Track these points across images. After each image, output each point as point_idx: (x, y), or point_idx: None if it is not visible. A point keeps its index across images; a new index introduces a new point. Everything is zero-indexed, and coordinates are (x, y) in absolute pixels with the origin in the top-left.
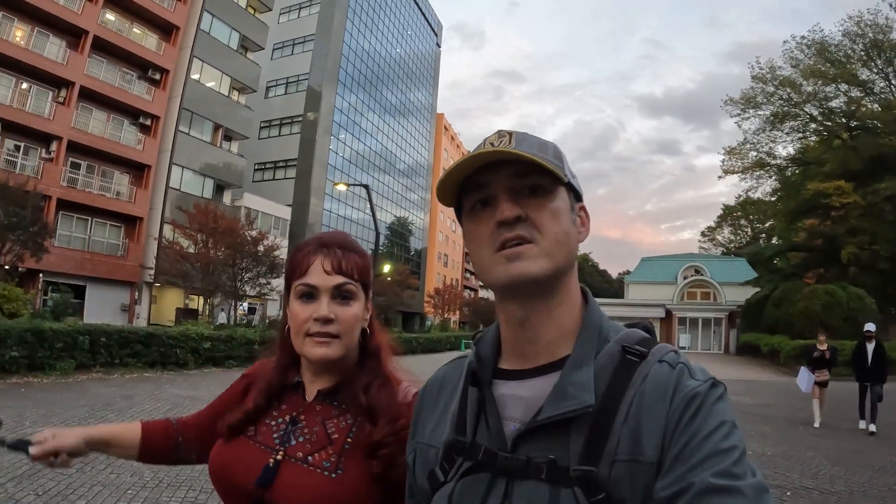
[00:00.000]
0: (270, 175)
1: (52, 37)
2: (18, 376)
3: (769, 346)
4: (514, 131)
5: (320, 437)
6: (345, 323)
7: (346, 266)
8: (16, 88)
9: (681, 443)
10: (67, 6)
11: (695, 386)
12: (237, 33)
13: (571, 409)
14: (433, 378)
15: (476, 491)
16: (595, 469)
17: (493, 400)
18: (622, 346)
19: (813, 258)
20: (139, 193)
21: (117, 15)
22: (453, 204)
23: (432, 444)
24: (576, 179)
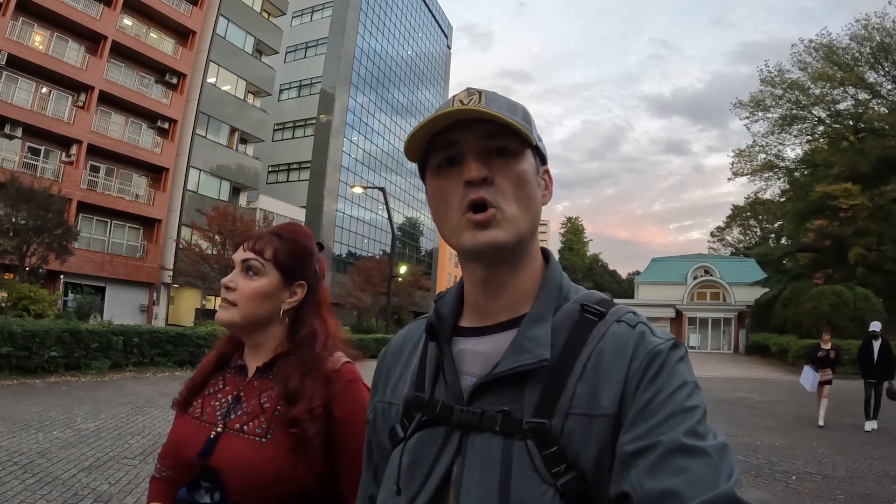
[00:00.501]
0: (284, 177)
1: (72, 42)
2: (57, 375)
3: (778, 346)
4: (483, 90)
5: (254, 408)
6: (241, 293)
7: (259, 245)
8: (36, 93)
9: (644, 398)
10: (86, 12)
11: (657, 343)
12: (252, 37)
13: (527, 363)
14: (395, 338)
15: (431, 444)
16: (548, 422)
17: (451, 355)
18: (581, 305)
19: (821, 259)
20: (157, 196)
21: (135, 20)
22: (418, 159)
23: (393, 402)
24: (542, 142)
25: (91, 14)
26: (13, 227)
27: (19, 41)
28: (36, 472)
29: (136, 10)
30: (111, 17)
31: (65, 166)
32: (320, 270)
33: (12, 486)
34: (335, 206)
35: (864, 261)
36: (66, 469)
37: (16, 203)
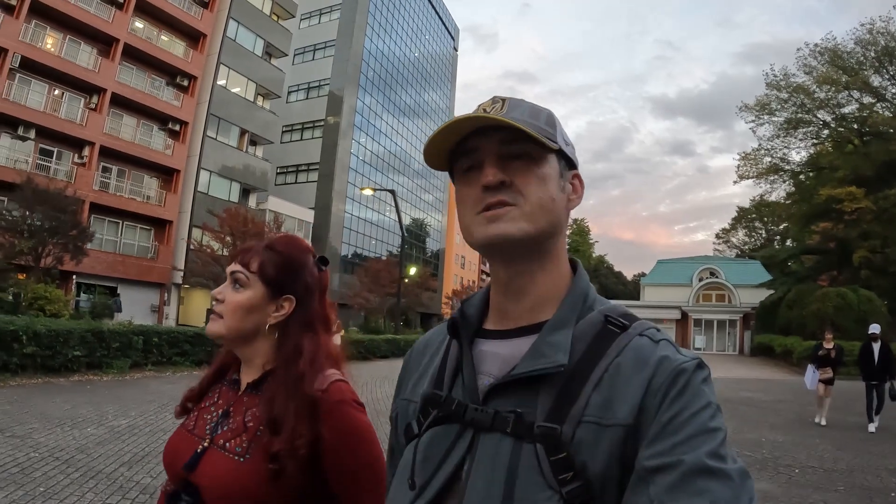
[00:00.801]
0: (292, 178)
1: (84, 44)
2: (80, 374)
3: (783, 347)
4: (508, 98)
5: (238, 426)
6: (227, 305)
7: (246, 258)
8: (49, 95)
9: (668, 415)
10: (98, 14)
11: (682, 361)
12: (262, 40)
13: (543, 367)
14: (420, 339)
15: (443, 441)
16: (559, 427)
17: (471, 354)
18: (605, 316)
19: (826, 261)
20: (169, 197)
21: (146, 23)
22: (445, 167)
23: (412, 400)
24: (570, 147)
25: (103, 17)
26: (28, 228)
27: (32, 43)
28: (79, 467)
29: (148, 12)
30: (123, 19)
31: (77, 168)
32: (315, 284)
33: (59, 480)
34: (343, 208)
35: (869, 263)
36: (107, 464)
37: (31, 204)
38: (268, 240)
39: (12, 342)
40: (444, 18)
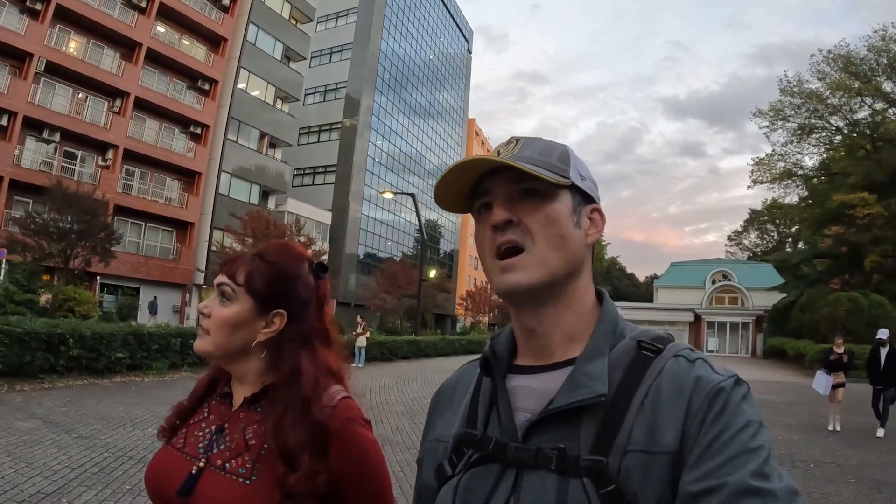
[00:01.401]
0: (309, 180)
1: (107, 49)
2: (121, 375)
3: (795, 350)
4: (523, 137)
5: (238, 444)
6: (213, 320)
7: (233, 269)
8: (73, 98)
9: (709, 437)
10: (121, 19)
11: (719, 380)
12: (281, 44)
13: (583, 398)
14: (450, 378)
15: (484, 483)
16: (605, 460)
17: (506, 391)
18: (638, 342)
19: (838, 265)
20: (190, 199)
21: (168, 27)
22: (462, 209)
23: (442, 440)
24: (586, 181)
25: (126, 21)
26: (58, 231)
27: (57, 48)
28: None
29: (170, 17)
30: (146, 24)
31: (101, 170)
32: (310, 296)
33: (140, 479)
34: (359, 209)
35: (880, 268)
36: None
37: (62, 207)
38: (260, 248)
39: (59, 345)
40: (458, 21)
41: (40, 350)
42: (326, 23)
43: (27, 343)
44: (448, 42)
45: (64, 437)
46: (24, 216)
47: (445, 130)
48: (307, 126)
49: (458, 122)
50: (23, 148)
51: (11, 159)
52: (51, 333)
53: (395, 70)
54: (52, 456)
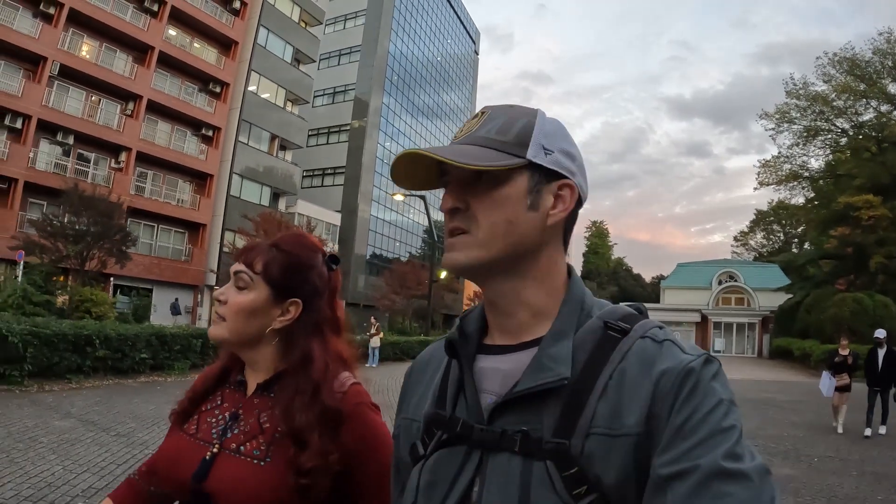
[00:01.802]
0: (318, 182)
1: (119, 52)
2: (145, 376)
3: (801, 351)
4: (490, 109)
5: (253, 428)
6: (229, 306)
7: (250, 257)
8: (86, 101)
9: (679, 419)
10: (133, 23)
11: (689, 360)
12: (291, 47)
13: (546, 382)
14: (422, 354)
15: (450, 463)
16: (568, 442)
17: (471, 373)
18: (604, 322)
19: (843, 266)
20: (202, 201)
21: (179, 31)
22: (425, 187)
23: (415, 419)
24: (552, 155)
25: (138, 25)
26: (75, 234)
27: (70, 51)
28: None
29: (181, 21)
30: (158, 28)
31: (114, 172)
32: (324, 285)
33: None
34: (368, 210)
35: (885, 269)
36: None
37: (78, 210)
38: (275, 238)
39: (86, 346)
40: (465, 23)
41: (68, 351)
42: (335, 25)
43: (55, 344)
44: (455, 43)
45: (102, 436)
46: (41, 218)
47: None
48: (316, 128)
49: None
50: (37, 150)
51: (26, 162)
52: (78, 335)
53: (403, 72)
54: (96, 453)
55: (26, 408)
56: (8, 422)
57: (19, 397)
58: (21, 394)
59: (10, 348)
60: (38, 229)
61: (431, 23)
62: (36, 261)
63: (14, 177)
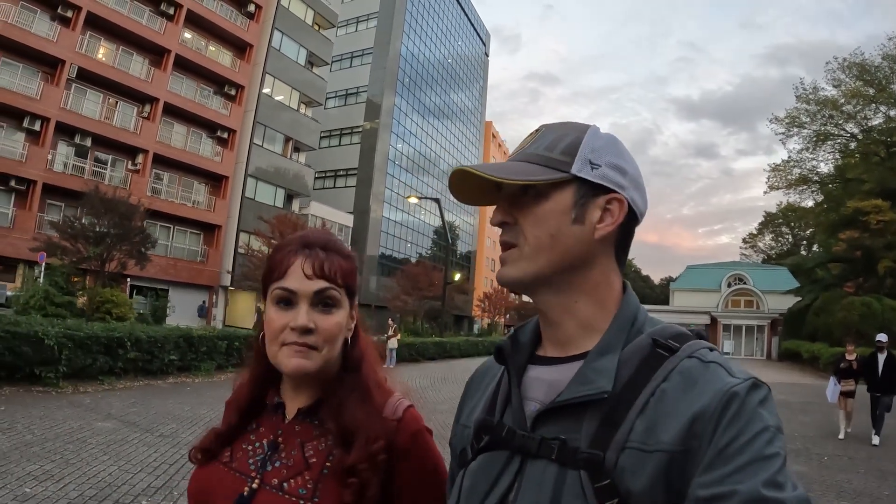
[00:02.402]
0: (330, 183)
1: (136, 55)
2: (173, 377)
3: (810, 353)
4: (547, 126)
5: (297, 462)
6: (325, 333)
7: (330, 269)
8: (104, 104)
9: (722, 442)
10: (150, 26)
11: (734, 384)
12: (304, 49)
13: (587, 394)
14: (482, 365)
15: (492, 467)
16: (602, 454)
17: (518, 381)
18: (653, 339)
19: (852, 269)
20: (218, 202)
21: (195, 34)
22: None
23: (467, 425)
24: (600, 169)
25: (154, 28)
26: (95, 236)
27: (88, 54)
28: None
29: (197, 24)
30: (174, 31)
31: (131, 174)
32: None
33: None
34: (380, 211)
35: (893, 273)
36: None
37: (99, 212)
38: (321, 242)
39: (117, 348)
40: (475, 24)
41: (100, 353)
42: (347, 28)
43: (89, 346)
44: (465, 45)
45: (147, 436)
46: (62, 220)
47: (463, 132)
48: (328, 129)
49: (476, 123)
50: (55, 152)
51: (45, 164)
52: (110, 337)
53: (415, 73)
54: (146, 453)
55: (66, 409)
56: (52, 423)
57: (57, 399)
58: (58, 395)
59: (46, 350)
60: (59, 231)
61: (442, 24)
62: (57, 262)
63: (33, 178)
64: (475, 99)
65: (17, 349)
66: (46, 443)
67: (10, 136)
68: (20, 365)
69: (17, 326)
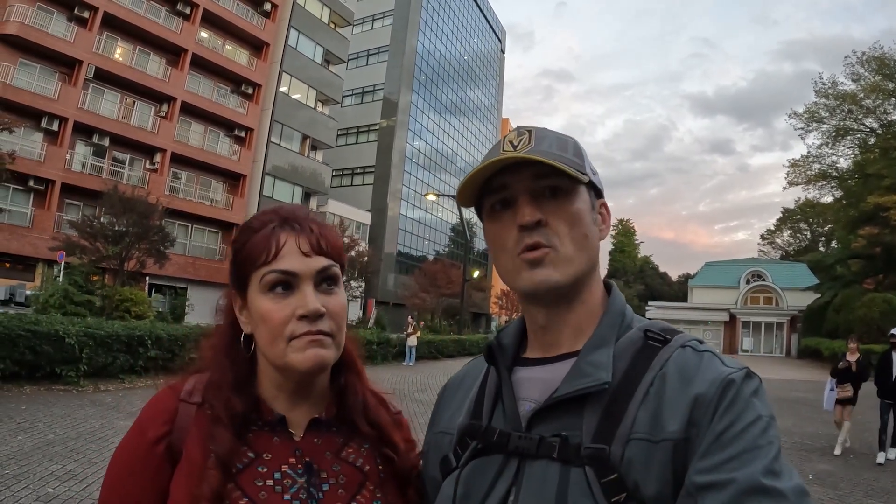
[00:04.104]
0: (347, 181)
1: (153, 55)
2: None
3: (830, 351)
4: (533, 128)
5: (352, 475)
6: (336, 316)
7: (326, 244)
8: (121, 104)
9: (719, 428)
10: (166, 26)
11: (729, 372)
12: (321, 48)
13: (587, 386)
14: (458, 372)
15: (486, 473)
16: (607, 448)
17: (510, 381)
18: (645, 331)
19: (872, 266)
20: (236, 201)
21: (211, 33)
22: (473, 204)
23: (447, 432)
24: (597, 176)
25: (171, 28)
26: (115, 235)
27: (104, 55)
28: None
29: (213, 23)
30: (191, 30)
31: (149, 173)
32: None
33: None
34: (398, 209)
35: None
36: None
37: (118, 211)
38: (303, 214)
39: (138, 346)
40: (491, 21)
41: (121, 352)
42: (363, 25)
43: (109, 345)
44: (481, 42)
45: None
46: (81, 220)
47: (480, 129)
48: (345, 127)
49: (492, 120)
50: (73, 152)
51: (63, 163)
52: (131, 336)
53: (431, 70)
54: None
55: (88, 408)
56: (74, 422)
57: (78, 397)
58: (79, 394)
59: (67, 349)
60: (78, 230)
61: (458, 21)
62: (76, 261)
63: (51, 178)
64: (491, 96)
65: (38, 348)
66: (69, 442)
67: (28, 136)
68: (41, 364)
69: (38, 325)
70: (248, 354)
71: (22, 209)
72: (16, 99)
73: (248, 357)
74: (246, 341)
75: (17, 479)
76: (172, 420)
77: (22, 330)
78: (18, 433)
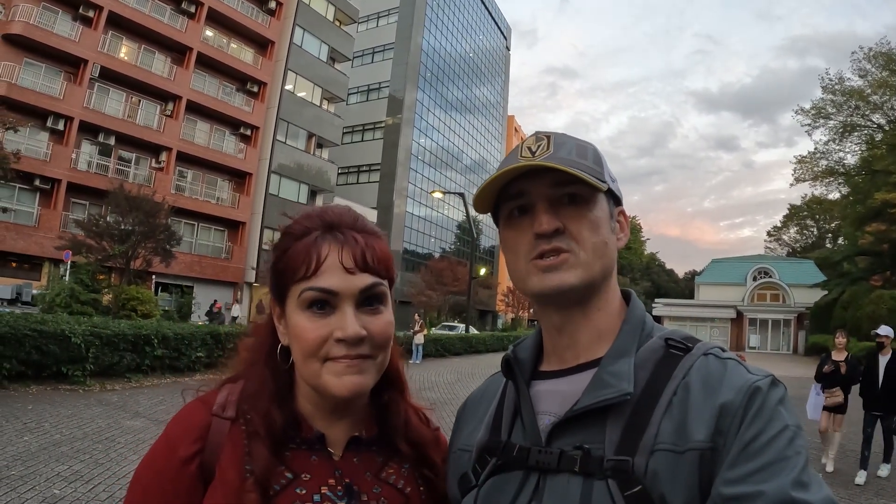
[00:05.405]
0: (353, 179)
1: (158, 54)
2: (200, 374)
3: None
4: (552, 134)
5: (393, 498)
6: (378, 338)
7: (373, 258)
8: (127, 103)
9: (746, 437)
10: (171, 25)
11: (755, 379)
12: (326, 46)
13: (608, 397)
14: (477, 389)
15: (506, 490)
16: (631, 460)
17: (528, 395)
18: (666, 340)
19: (879, 262)
20: (242, 199)
21: (216, 32)
22: (489, 210)
23: (466, 449)
24: (615, 183)
25: (176, 27)
26: (121, 233)
27: (110, 54)
28: None
29: (218, 21)
30: (195, 29)
31: (155, 172)
32: None
33: None
34: (404, 206)
35: None
36: None
37: (125, 211)
38: (350, 222)
39: (145, 345)
40: (496, 18)
41: (128, 351)
42: (368, 23)
43: (116, 344)
44: (486, 39)
45: None
46: (88, 218)
47: (486, 126)
48: (350, 125)
49: (498, 117)
50: (79, 151)
51: (69, 163)
52: (137, 335)
53: (436, 68)
54: None
55: (94, 407)
56: (81, 422)
57: (85, 397)
58: (85, 393)
59: (73, 348)
60: (84, 229)
61: (463, 18)
62: (82, 260)
63: (57, 177)
64: (497, 93)
65: (44, 347)
66: (75, 442)
67: (34, 135)
68: (47, 363)
69: (44, 325)
70: (286, 367)
71: (28, 208)
72: (21, 98)
73: (286, 369)
74: (283, 352)
75: (23, 480)
76: (205, 437)
77: (28, 329)
78: (25, 433)
